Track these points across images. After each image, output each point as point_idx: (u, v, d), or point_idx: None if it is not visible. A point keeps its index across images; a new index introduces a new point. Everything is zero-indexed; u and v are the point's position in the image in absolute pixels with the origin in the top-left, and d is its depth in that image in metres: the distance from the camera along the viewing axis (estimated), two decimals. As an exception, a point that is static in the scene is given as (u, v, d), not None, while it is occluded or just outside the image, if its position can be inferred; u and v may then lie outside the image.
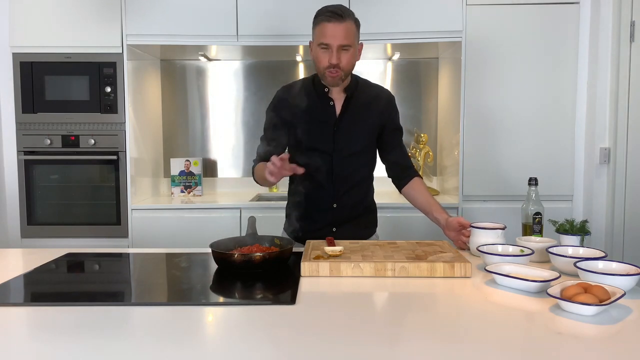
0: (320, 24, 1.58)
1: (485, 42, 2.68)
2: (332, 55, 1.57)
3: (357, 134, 1.71)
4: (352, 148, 1.71)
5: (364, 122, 1.71)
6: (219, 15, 2.70)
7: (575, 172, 2.76)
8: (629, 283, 1.11)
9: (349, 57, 1.59)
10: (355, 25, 1.61)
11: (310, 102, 1.69)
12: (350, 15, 1.59)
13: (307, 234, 1.71)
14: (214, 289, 1.27)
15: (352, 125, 1.70)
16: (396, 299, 1.15)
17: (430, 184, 3.24)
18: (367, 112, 1.72)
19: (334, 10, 1.56)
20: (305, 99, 1.69)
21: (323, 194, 1.72)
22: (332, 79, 1.62)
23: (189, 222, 2.72)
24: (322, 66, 1.61)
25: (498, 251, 1.40)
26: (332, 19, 1.55)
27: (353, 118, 1.70)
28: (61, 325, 0.98)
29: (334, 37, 1.55)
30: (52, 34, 2.72)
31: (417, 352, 0.86)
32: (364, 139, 1.72)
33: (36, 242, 2.79)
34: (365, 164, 1.77)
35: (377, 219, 1.87)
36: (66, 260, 1.53)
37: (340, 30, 1.55)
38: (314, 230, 1.72)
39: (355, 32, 1.60)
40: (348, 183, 1.71)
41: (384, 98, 1.76)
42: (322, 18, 1.58)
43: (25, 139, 2.77)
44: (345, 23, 1.56)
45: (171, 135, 3.30)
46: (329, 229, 1.73)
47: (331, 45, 1.56)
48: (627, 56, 2.55)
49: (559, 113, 2.71)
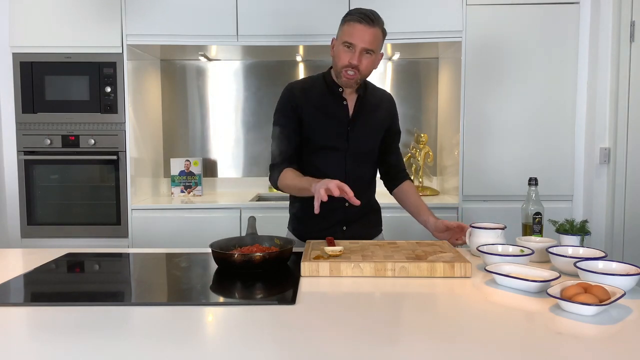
0: (350, 23, 1.57)
1: (485, 42, 2.68)
2: (355, 56, 1.56)
3: (368, 134, 1.72)
4: (364, 147, 1.72)
5: (373, 122, 1.73)
6: (219, 15, 2.70)
7: (575, 172, 2.76)
8: (629, 283, 1.11)
9: (369, 62, 1.60)
10: (383, 33, 1.61)
11: (324, 100, 1.69)
12: (380, 24, 1.59)
13: (317, 232, 1.67)
14: (214, 289, 1.26)
15: (363, 125, 1.71)
16: (396, 299, 1.15)
17: (430, 184, 3.24)
18: (376, 113, 1.73)
19: (367, 13, 1.56)
20: (319, 97, 1.69)
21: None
22: (348, 80, 1.61)
23: (189, 222, 2.72)
24: (341, 64, 1.60)
25: (498, 251, 1.40)
26: (363, 21, 1.55)
27: (365, 118, 1.71)
28: (61, 325, 0.98)
29: (360, 39, 1.55)
30: (52, 34, 2.72)
31: (417, 352, 0.86)
32: (373, 139, 1.74)
33: (36, 242, 2.79)
34: (373, 164, 1.80)
35: (381, 218, 1.87)
36: (66, 260, 1.53)
37: (368, 34, 1.55)
38: (324, 229, 1.68)
39: (381, 39, 1.61)
40: (359, 182, 1.69)
41: (389, 101, 1.79)
42: (353, 17, 1.57)
43: (25, 139, 2.77)
44: (374, 29, 1.56)
45: (171, 135, 3.30)
46: (340, 227, 1.72)
47: (356, 45, 1.56)
48: (627, 56, 2.55)
49: (559, 113, 2.71)
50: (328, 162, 1.69)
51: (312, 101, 1.68)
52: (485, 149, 2.73)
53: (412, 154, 3.13)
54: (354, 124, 1.69)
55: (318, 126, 1.68)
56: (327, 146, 1.69)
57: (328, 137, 1.68)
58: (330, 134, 1.68)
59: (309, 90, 1.70)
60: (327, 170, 1.67)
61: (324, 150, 1.69)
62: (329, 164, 1.69)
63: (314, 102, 1.68)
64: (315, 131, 1.68)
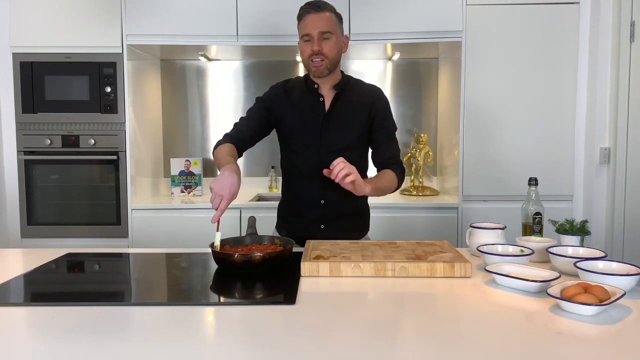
0: (301, 18, 1.66)
1: (485, 42, 2.69)
2: (314, 43, 1.62)
3: (345, 131, 1.71)
4: (340, 144, 1.71)
5: (353, 119, 1.72)
6: (219, 15, 2.70)
7: (575, 172, 2.76)
8: (629, 283, 1.11)
9: (331, 45, 1.64)
10: (336, 16, 1.67)
11: (301, 98, 1.72)
12: (328, 7, 1.65)
13: (296, 231, 1.73)
14: (214, 289, 1.26)
15: (340, 122, 1.71)
16: (396, 299, 1.15)
17: (430, 184, 3.24)
18: (357, 109, 1.72)
19: (311, 2, 1.64)
20: (297, 95, 1.73)
21: (310, 189, 1.72)
22: (317, 68, 1.65)
23: (189, 222, 2.72)
24: (305, 57, 1.66)
25: (498, 251, 1.40)
26: (311, 11, 1.63)
27: (342, 114, 1.71)
28: (61, 325, 0.98)
29: (313, 26, 1.62)
30: (52, 34, 2.72)
31: (417, 352, 0.86)
32: (351, 135, 1.72)
33: (36, 242, 2.79)
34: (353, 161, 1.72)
35: (368, 222, 1.85)
36: (66, 260, 1.53)
37: (319, 19, 1.62)
38: (302, 227, 1.74)
39: (335, 21, 1.66)
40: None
41: (374, 95, 1.75)
42: (301, 12, 1.66)
43: (25, 139, 2.77)
44: (323, 13, 1.63)
45: (171, 135, 3.30)
46: (317, 226, 1.73)
47: (312, 34, 1.62)
48: (627, 56, 2.55)
49: (559, 113, 2.71)
50: (304, 159, 1.71)
51: (292, 100, 1.73)
52: (485, 149, 2.73)
53: (412, 154, 3.13)
54: (329, 120, 1.70)
55: (295, 124, 1.72)
56: (301, 142, 1.72)
57: (301, 133, 1.71)
58: (303, 130, 1.71)
59: (290, 90, 1.75)
60: (303, 167, 1.72)
61: (298, 146, 1.72)
62: (304, 162, 1.72)
63: (293, 102, 1.73)
64: (290, 128, 1.73)
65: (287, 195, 1.81)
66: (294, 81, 1.79)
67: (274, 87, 1.78)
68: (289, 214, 1.81)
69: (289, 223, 1.80)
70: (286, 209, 1.82)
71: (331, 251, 1.43)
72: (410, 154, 3.14)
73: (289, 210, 1.81)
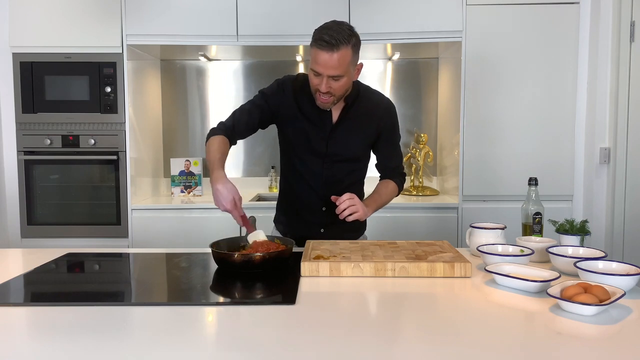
0: (314, 49, 1.50)
1: (485, 42, 2.69)
2: (322, 83, 1.52)
3: (351, 142, 1.69)
4: (345, 155, 1.70)
5: (360, 131, 1.69)
6: (219, 15, 2.70)
7: (575, 172, 2.76)
8: (629, 283, 1.11)
9: (342, 84, 1.54)
10: (352, 49, 1.50)
11: (309, 104, 1.65)
12: (344, 42, 1.47)
13: (295, 232, 1.73)
14: (214, 289, 1.27)
15: (347, 134, 1.68)
16: (396, 299, 1.15)
17: (430, 184, 3.24)
18: (365, 121, 1.69)
19: (328, 39, 1.46)
20: (305, 100, 1.66)
21: (313, 195, 1.72)
22: (323, 103, 1.59)
23: (189, 222, 2.72)
24: (313, 88, 1.58)
25: (498, 251, 1.40)
26: (325, 48, 1.46)
27: (349, 127, 1.68)
28: (61, 325, 0.98)
29: (324, 67, 1.49)
30: (52, 34, 2.72)
31: (417, 352, 0.86)
32: (358, 147, 1.71)
33: (36, 242, 2.79)
34: (357, 170, 1.77)
35: (365, 223, 1.86)
36: (66, 260, 1.53)
37: (331, 60, 1.47)
38: (302, 229, 1.74)
39: (350, 58, 1.50)
40: (338, 187, 1.69)
41: (383, 107, 1.72)
42: (315, 43, 1.49)
43: (25, 139, 2.77)
44: (338, 52, 1.46)
45: (171, 135, 3.29)
46: (317, 229, 1.74)
47: (322, 74, 1.50)
48: (627, 56, 2.55)
49: (559, 113, 2.71)
50: (307, 165, 1.70)
51: (299, 104, 1.66)
52: (485, 149, 2.73)
53: (412, 154, 3.13)
54: (336, 131, 1.67)
55: (301, 130, 1.67)
56: (306, 150, 1.69)
57: (307, 141, 1.68)
58: (308, 138, 1.67)
59: (298, 92, 1.67)
60: (305, 173, 1.70)
61: (303, 153, 1.70)
62: (308, 167, 1.70)
63: (300, 106, 1.66)
64: (295, 133, 1.68)
65: (288, 196, 1.80)
66: (301, 81, 1.67)
67: (281, 84, 1.69)
68: (288, 213, 1.81)
69: (287, 225, 1.80)
70: (286, 209, 1.82)
71: (331, 251, 1.43)
72: (410, 154, 3.14)
73: (289, 209, 1.81)
